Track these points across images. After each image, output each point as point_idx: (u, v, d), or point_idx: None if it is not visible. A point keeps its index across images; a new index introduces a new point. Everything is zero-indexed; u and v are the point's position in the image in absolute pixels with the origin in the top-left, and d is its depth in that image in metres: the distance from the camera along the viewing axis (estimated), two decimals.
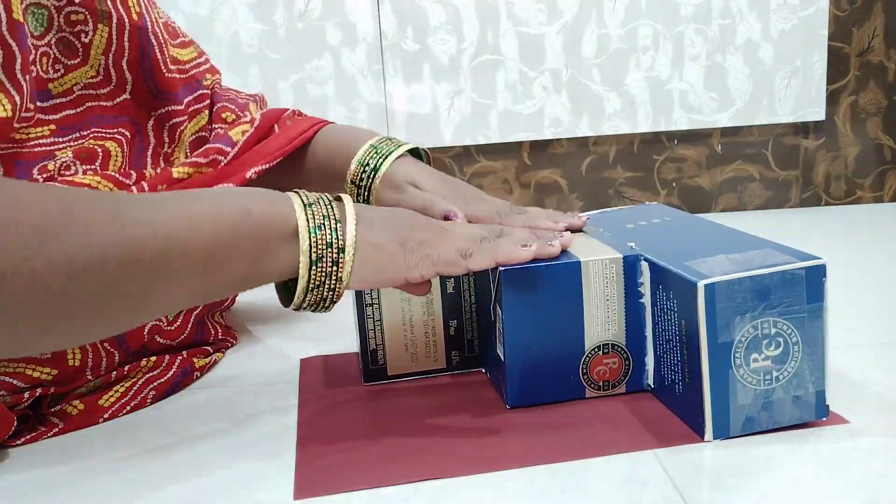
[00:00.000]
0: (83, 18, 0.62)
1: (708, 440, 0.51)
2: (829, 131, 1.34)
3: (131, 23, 0.65)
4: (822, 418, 0.53)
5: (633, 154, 1.33)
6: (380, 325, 0.63)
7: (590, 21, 1.25)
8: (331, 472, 0.51)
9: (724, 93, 1.29)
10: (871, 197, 1.38)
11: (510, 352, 0.57)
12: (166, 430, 0.59)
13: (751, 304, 0.50)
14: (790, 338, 0.51)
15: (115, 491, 0.50)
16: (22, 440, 0.57)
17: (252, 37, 1.21)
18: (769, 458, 0.49)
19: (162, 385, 0.65)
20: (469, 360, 0.66)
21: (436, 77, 1.25)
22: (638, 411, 0.56)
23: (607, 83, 1.27)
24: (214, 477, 0.51)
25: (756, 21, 1.27)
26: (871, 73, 1.33)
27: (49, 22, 0.60)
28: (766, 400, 0.52)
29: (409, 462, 0.51)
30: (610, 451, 0.51)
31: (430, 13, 1.23)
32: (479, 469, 0.50)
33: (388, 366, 0.64)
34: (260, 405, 0.62)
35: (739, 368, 0.51)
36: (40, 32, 0.60)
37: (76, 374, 0.60)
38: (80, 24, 0.62)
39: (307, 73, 1.23)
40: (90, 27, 0.62)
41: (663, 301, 0.55)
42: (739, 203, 1.36)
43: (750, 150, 1.34)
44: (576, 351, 0.58)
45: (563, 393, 0.58)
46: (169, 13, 1.08)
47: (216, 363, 0.72)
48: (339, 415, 0.59)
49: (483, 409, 0.59)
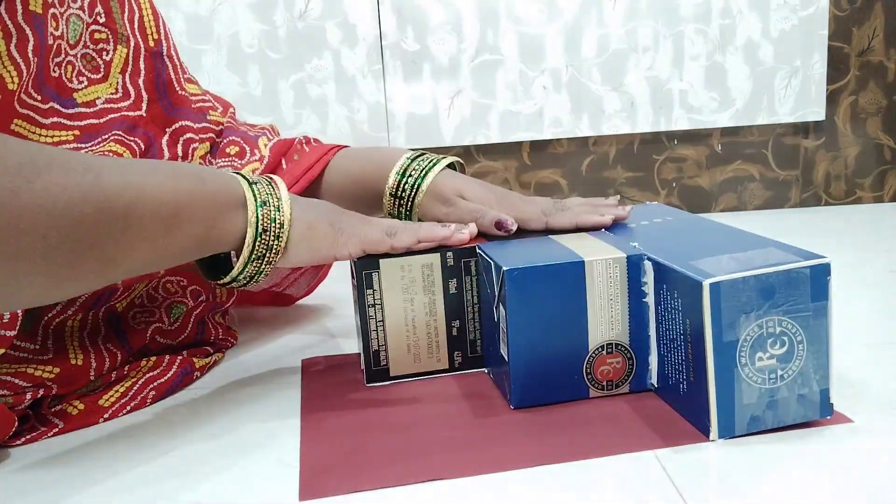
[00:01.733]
0: (105, 38, 0.65)
1: (713, 439, 0.51)
2: (829, 131, 1.34)
3: (146, 48, 0.69)
4: (827, 417, 0.53)
5: (633, 154, 1.33)
6: (382, 325, 0.63)
7: (590, 21, 1.25)
8: (335, 473, 0.50)
9: (724, 93, 1.29)
10: (871, 197, 1.38)
11: (514, 352, 0.57)
12: (167, 430, 0.59)
13: (756, 302, 0.50)
14: (795, 336, 0.51)
15: (116, 491, 0.50)
16: (22, 440, 0.57)
17: (252, 37, 1.21)
18: (772, 457, 0.49)
19: (162, 385, 0.64)
20: (471, 361, 0.65)
21: (436, 77, 1.25)
22: (642, 411, 0.56)
23: (607, 83, 1.27)
24: (218, 478, 0.51)
25: (756, 21, 1.27)
26: (871, 73, 1.33)
27: (80, 35, 0.62)
28: (770, 399, 0.51)
29: (414, 463, 0.51)
30: (614, 451, 0.51)
31: (430, 13, 1.23)
32: (484, 470, 0.50)
33: (391, 367, 0.64)
34: (261, 406, 0.62)
35: (744, 367, 0.50)
36: (74, 41, 0.62)
37: (78, 374, 0.60)
38: (102, 42, 0.65)
39: (307, 73, 1.23)
40: (111, 46, 0.65)
41: (667, 300, 0.55)
42: (739, 203, 1.36)
43: (750, 150, 1.34)
44: (579, 350, 0.57)
45: (566, 393, 0.58)
46: (169, 13, 1.08)
47: (216, 363, 0.72)
48: (342, 416, 0.59)
49: (486, 410, 0.58)
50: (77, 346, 0.61)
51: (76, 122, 0.62)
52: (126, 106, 0.66)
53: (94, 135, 0.63)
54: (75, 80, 0.63)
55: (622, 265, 0.57)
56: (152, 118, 0.68)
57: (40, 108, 0.59)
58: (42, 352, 0.59)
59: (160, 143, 0.68)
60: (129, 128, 0.66)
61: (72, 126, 0.61)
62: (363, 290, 0.62)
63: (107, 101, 0.65)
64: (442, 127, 1.27)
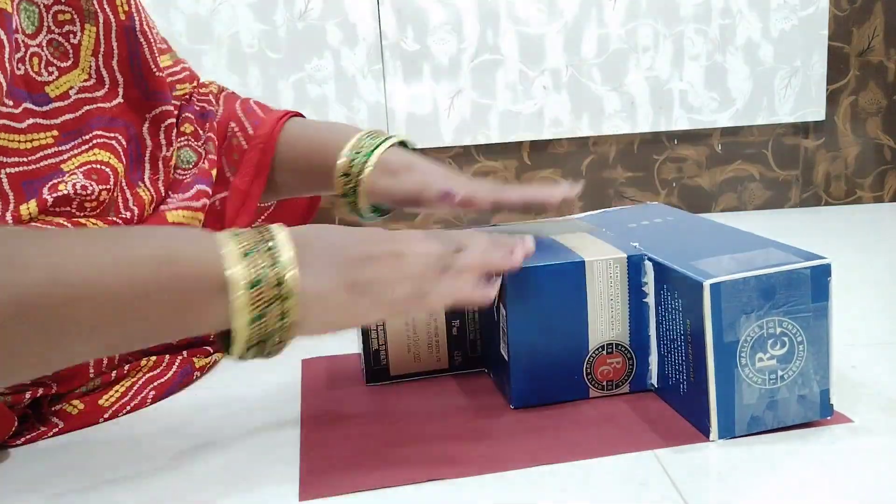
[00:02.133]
0: (70, 18, 0.61)
1: (713, 440, 0.51)
2: (829, 131, 1.34)
3: (118, 22, 0.64)
4: (827, 417, 0.53)
5: (633, 154, 1.33)
6: (382, 325, 0.63)
7: (590, 21, 1.25)
8: (336, 472, 0.50)
9: (724, 93, 1.29)
10: (871, 197, 1.38)
11: (514, 352, 0.57)
12: (167, 430, 0.59)
13: (756, 303, 0.50)
14: (795, 337, 0.51)
15: (116, 491, 0.50)
16: (22, 440, 0.57)
17: (252, 37, 1.21)
18: (773, 457, 0.49)
19: (162, 385, 0.64)
20: (471, 361, 0.65)
21: (436, 77, 1.25)
22: (642, 411, 0.56)
23: (607, 83, 1.27)
24: (218, 478, 0.51)
25: (756, 21, 1.27)
26: (871, 73, 1.33)
27: (39, 20, 0.59)
28: (771, 399, 0.51)
29: (414, 463, 0.51)
30: (614, 451, 0.51)
31: (430, 13, 1.23)
32: (484, 470, 0.50)
33: (391, 366, 0.64)
34: (261, 406, 0.62)
35: (745, 368, 0.50)
36: (32, 31, 0.59)
37: (77, 373, 0.59)
38: (67, 23, 0.61)
39: (307, 73, 1.23)
40: (77, 27, 0.61)
41: (668, 300, 0.55)
42: (739, 203, 1.36)
43: (750, 150, 1.34)
44: (579, 350, 0.57)
45: (566, 393, 0.58)
46: (169, 13, 1.08)
47: (216, 363, 0.72)
48: (342, 415, 0.59)
49: (486, 410, 0.58)
50: None
51: (53, 121, 0.60)
52: (101, 95, 0.64)
53: (74, 133, 0.62)
54: (44, 71, 0.60)
55: (622, 265, 0.57)
56: (129, 104, 0.66)
57: (14, 113, 0.57)
58: None
59: (141, 133, 0.67)
60: (107, 122, 0.64)
61: (49, 126, 0.60)
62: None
63: (80, 90, 0.63)
64: (442, 127, 1.26)
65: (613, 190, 1.34)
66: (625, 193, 1.34)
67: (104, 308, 0.41)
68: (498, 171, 1.32)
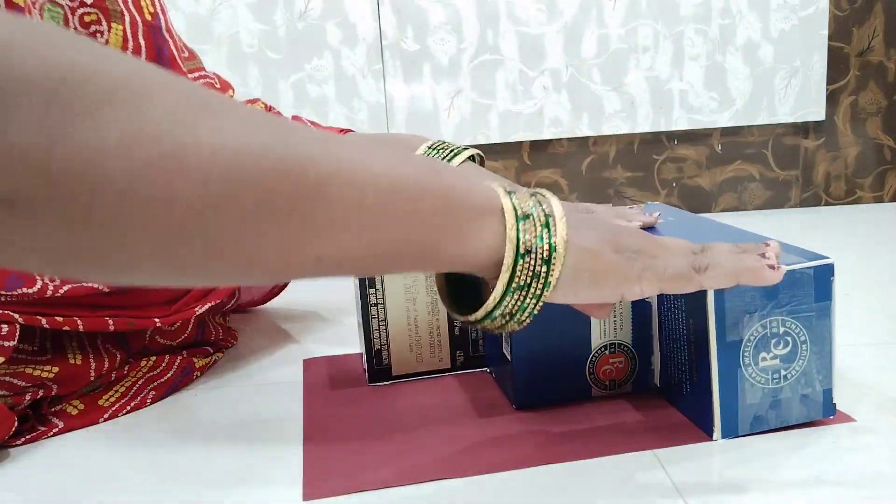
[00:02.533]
0: (96, 19, 0.61)
1: (716, 439, 0.51)
2: (829, 131, 1.34)
3: (144, 22, 0.65)
4: (830, 417, 0.53)
5: (633, 154, 1.33)
6: (384, 325, 0.63)
7: (590, 21, 1.25)
8: (339, 472, 0.50)
9: (724, 93, 1.29)
10: (871, 197, 1.38)
11: (517, 352, 0.56)
12: (167, 430, 0.58)
13: (759, 302, 0.50)
14: (798, 337, 0.51)
15: (116, 492, 0.50)
16: (22, 440, 0.57)
17: (252, 37, 1.21)
18: (775, 457, 0.49)
19: (162, 385, 0.64)
20: (473, 360, 0.65)
21: (436, 77, 1.25)
22: (644, 411, 0.56)
23: (607, 83, 1.27)
24: (220, 478, 0.51)
25: (756, 21, 1.27)
26: (871, 73, 1.33)
27: (65, 23, 0.59)
28: (774, 399, 0.51)
29: (417, 463, 0.51)
30: (616, 451, 0.51)
31: (430, 13, 1.23)
32: (486, 470, 0.49)
33: (393, 366, 0.64)
34: (263, 406, 0.62)
35: (748, 367, 0.50)
36: None
37: (78, 374, 0.59)
38: (94, 24, 0.61)
39: (307, 73, 1.23)
40: (105, 27, 0.61)
41: (670, 300, 0.54)
42: (739, 203, 1.36)
43: (750, 150, 1.34)
44: (582, 350, 0.57)
45: (569, 393, 0.58)
46: (168, 13, 1.08)
47: (216, 363, 0.71)
48: (344, 415, 0.59)
49: (489, 410, 0.58)
50: (75, 346, 0.60)
51: None
52: None
53: None
54: None
55: None
56: None
57: None
58: (40, 353, 0.58)
59: None
60: None
61: None
62: (365, 289, 0.62)
63: None
64: (442, 127, 1.26)
65: (613, 190, 1.34)
66: (625, 193, 1.34)
67: (364, 198, 0.36)
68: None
